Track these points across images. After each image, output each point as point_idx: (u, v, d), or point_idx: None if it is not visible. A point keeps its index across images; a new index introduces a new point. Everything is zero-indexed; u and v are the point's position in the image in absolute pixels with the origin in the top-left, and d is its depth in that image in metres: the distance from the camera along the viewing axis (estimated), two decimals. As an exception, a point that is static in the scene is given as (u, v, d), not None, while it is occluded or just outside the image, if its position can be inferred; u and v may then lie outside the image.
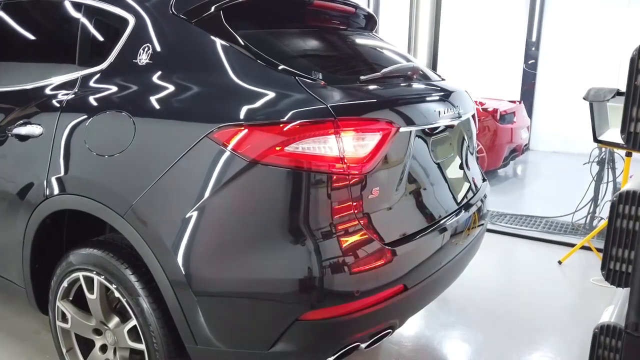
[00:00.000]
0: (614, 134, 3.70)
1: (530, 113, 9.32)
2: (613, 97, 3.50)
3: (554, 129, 9.64)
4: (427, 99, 2.07)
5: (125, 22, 1.96)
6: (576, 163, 5.52)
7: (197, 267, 1.62)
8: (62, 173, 1.92)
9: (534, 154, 9.81)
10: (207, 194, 1.60)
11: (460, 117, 2.25)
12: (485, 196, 2.50)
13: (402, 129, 1.78)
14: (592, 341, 1.21)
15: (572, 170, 6.32)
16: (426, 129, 1.98)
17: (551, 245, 4.38)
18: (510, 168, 8.20)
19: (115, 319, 1.96)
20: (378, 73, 1.93)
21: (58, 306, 2.08)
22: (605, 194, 4.73)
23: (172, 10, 1.88)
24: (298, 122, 1.56)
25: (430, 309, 3.09)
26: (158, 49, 1.85)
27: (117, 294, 1.85)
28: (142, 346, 1.84)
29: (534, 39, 9.31)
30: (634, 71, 1.06)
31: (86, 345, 2.10)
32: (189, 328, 1.69)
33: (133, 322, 1.83)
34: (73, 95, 1.99)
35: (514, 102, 7.40)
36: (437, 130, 2.08)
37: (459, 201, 2.22)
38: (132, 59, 1.89)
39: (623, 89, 3.46)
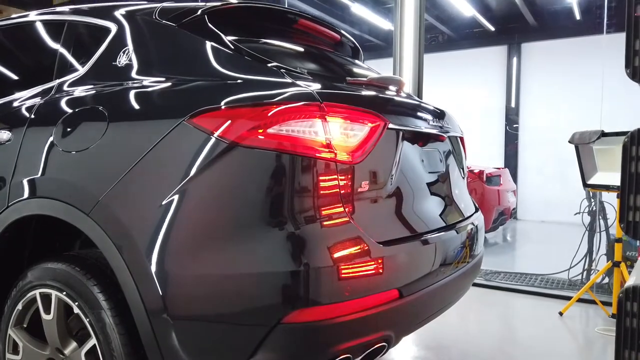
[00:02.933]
0: (603, 177, 3.68)
1: (515, 179, 9.43)
2: (598, 138, 3.53)
3: (541, 197, 9.71)
4: (415, 108, 2.03)
5: (107, 31, 1.93)
6: (566, 230, 5.47)
7: (169, 262, 1.44)
8: (28, 176, 1.78)
9: (522, 223, 9.78)
10: (182, 182, 1.46)
11: (449, 132, 2.20)
12: (478, 224, 2.38)
13: (391, 125, 1.71)
14: (618, 311, 1.05)
15: (563, 236, 6.24)
16: (415, 135, 1.91)
17: (550, 298, 4.17)
18: (500, 234, 8.11)
19: (73, 344, 1.72)
20: (365, 79, 1.90)
21: (9, 335, 1.84)
22: (599, 246, 4.62)
23: (155, 17, 1.87)
24: (282, 104, 1.47)
25: (428, 358, 2.83)
26: (139, 49, 1.80)
27: (76, 310, 1.64)
28: (100, 370, 1.59)
29: (513, 104, 9.69)
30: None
31: (37, 381, 1.83)
32: (155, 340, 1.47)
33: (92, 341, 1.61)
34: (43, 102, 1.91)
35: (498, 168, 7.50)
36: (427, 143, 2.02)
37: (452, 217, 2.10)
38: (112, 62, 1.84)
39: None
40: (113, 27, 1.92)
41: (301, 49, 2.13)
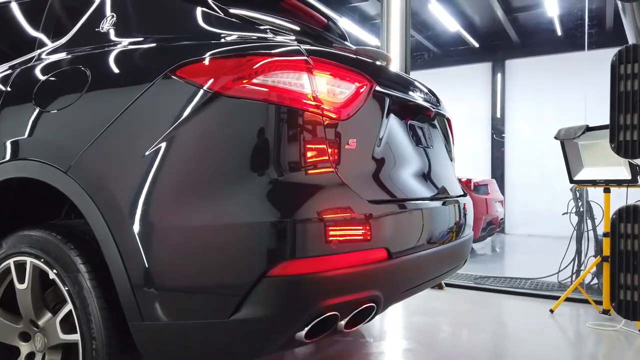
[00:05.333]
0: (589, 172, 3.70)
1: (502, 195, 9.50)
2: (583, 133, 3.55)
3: (528, 211, 9.74)
4: (403, 80, 2.03)
5: (89, 1, 1.92)
6: (553, 243, 5.48)
7: (150, 216, 1.39)
8: (7, 139, 1.73)
9: (510, 236, 9.79)
10: (164, 134, 1.42)
11: (437, 109, 2.20)
12: (466, 205, 2.36)
13: (378, 88, 1.70)
14: (612, 233, 1.03)
15: (550, 248, 6.24)
16: (403, 105, 1.90)
17: (540, 299, 4.13)
18: (488, 246, 8.09)
19: (48, 314, 1.65)
20: (353, 48, 1.90)
21: (-19, 310, 1.76)
22: (587, 249, 4.61)
23: None
24: (268, 57, 1.46)
25: (420, 352, 2.76)
26: (122, 15, 1.78)
27: (52, 276, 1.57)
28: (76, 336, 1.52)
29: (498, 115, 9.84)
30: None
31: (9, 357, 1.74)
32: (135, 299, 1.41)
33: (68, 307, 1.53)
34: (22, 68, 1.88)
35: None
36: (414, 116, 2.02)
37: (439, 190, 2.08)
38: (95, 29, 1.82)
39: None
40: None
41: (289, 23, 2.13)
